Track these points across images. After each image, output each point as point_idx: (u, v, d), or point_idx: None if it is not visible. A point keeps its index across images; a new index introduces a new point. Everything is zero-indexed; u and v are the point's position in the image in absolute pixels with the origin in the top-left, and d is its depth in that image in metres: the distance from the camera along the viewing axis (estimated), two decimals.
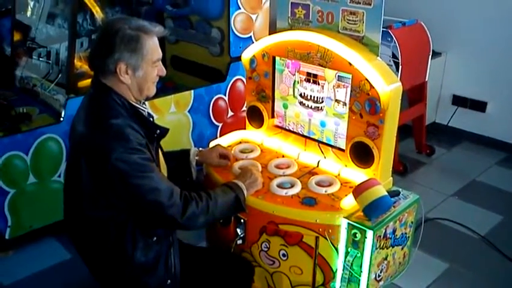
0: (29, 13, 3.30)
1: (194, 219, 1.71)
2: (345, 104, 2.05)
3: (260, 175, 2.01)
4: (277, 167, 2.15)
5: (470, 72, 4.16)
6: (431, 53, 3.75)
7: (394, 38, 3.44)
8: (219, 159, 2.16)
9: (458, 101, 4.28)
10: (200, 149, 2.18)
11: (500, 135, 4.11)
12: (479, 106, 4.17)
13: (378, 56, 1.97)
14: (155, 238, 1.77)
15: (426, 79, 3.80)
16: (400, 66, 3.46)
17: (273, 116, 2.37)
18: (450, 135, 4.32)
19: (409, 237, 2.08)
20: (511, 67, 3.93)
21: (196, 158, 2.14)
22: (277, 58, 2.24)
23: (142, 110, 1.80)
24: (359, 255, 1.85)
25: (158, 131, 1.81)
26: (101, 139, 1.63)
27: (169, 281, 1.82)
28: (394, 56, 3.48)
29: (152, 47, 1.71)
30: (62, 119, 2.74)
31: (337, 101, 2.08)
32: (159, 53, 1.75)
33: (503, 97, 4.04)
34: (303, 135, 2.27)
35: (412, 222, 2.06)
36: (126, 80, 1.69)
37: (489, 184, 3.62)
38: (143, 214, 1.71)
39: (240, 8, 3.29)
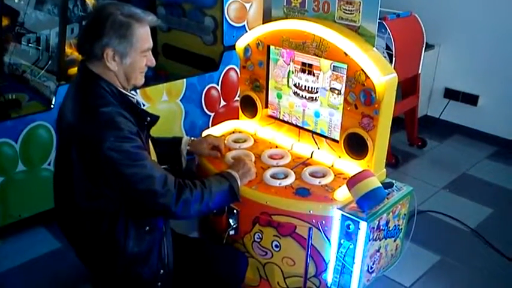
0: None
1: (188, 207, 1.68)
2: (339, 92, 2.03)
3: (253, 165, 1.99)
4: (271, 157, 2.14)
5: (463, 65, 4.17)
6: (424, 45, 3.74)
7: (388, 30, 3.42)
8: (210, 150, 2.13)
9: (450, 94, 4.29)
10: (192, 138, 2.16)
11: (491, 129, 4.12)
12: (471, 99, 4.18)
13: (373, 46, 1.96)
14: (148, 228, 1.74)
15: (419, 71, 3.80)
16: (394, 58, 3.45)
17: (266, 106, 2.35)
18: (442, 128, 4.33)
19: (401, 229, 2.08)
20: (503, 61, 3.94)
21: (188, 147, 2.12)
22: (271, 47, 2.22)
23: (132, 97, 1.77)
24: (352, 246, 1.85)
25: (149, 118, 1.78)
26: (91, 128, 1.60)
27: (162, 270, 1.81)
28: (387, 47, 3.46)
29: (143, 35, 1.68)
30: (52, 106, 2.70)
31: (331, 89, 2.06)
32: (149, 43, 1.71)
33: (494, 91, 4.05)
34: (296, 126, 2.26)
35: (405, 214, 2.06)
36: (113, 67, 1.66)
37: (480, 177, 3.63)
38: (136, 203, 1.68)
39: None
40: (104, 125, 1.59)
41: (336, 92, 2.05)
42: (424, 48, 3.75)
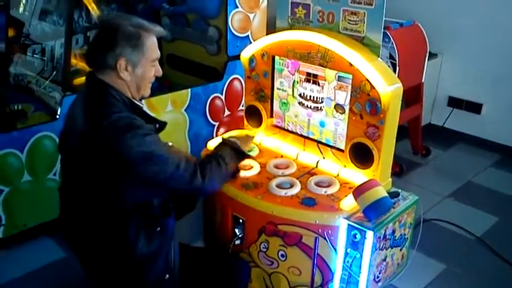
0: (21, 9, 3.26)
1: (213, 180, 1.80)
2: (343, 111, 2.05)
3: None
4: (276, 167, 2.14)
5: (466, 73, 4.18)
6: (427, 54, 3.75)
7: (392, 39, 3.44)
8: None
9: (454, 102, 4.29)
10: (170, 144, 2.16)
11: (495, 137, 4.12)
12: (474, 108, 4.18)
13: (378, 56, 1.97)
14: (159, 229, 1.75)
15: (423, 80, 3.80)
16: (398, 67, 3.46)
17: (271, 116, 2.36)
18: (446, 137, 4.33)
19: (407, 238, 2.08)
20: (507, 69, 3.94)
21: None
22: (276, 58, 2.23)
23: (141, 106, 1.79)
24: (358, 256, 1.85)
25: (157, 125, 1.80)
26: (112, 133, 1.60)
27: (167, 275, 1.80)
28: (391, 56, 3.47)
29: (152, 45, 1.72)
30: (57, 116, 2.71)
31: (336, 107, 2.08)
32: (157, 53, 1.76)
33: (498, 99, 4.05)
34: (302, 136, 2.26)
35: (411, 223, 2.06)
36: (126, 77, 1.69)
37: (484, 186, 3.62)
38: (167, 190, 1.75)
39: (237, 7, 3.27)
40: (124, 128, 1.61)
41: (340, 108, 2.06)
42: (427, 57, 3.75)
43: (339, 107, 2.07)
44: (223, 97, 3.42)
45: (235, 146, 1.96)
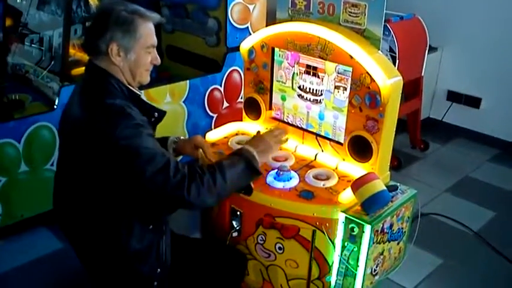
0: None
1: (202, 195, 1.59)
2: (345, 89, 2.02)
3: (276, 140, 1.91)
4: (275, 159, 2.13)
5: (466, 68, 4.17)
6: (427, 48, 3.74)
7: (392, 32, 3.43)
8: (194, 150, 2.05)
9: (453, 96, 4.29)
10: (181, 137, 2.12)
11: (493, 132, 4.13)
12: (473, 102, 4.18)
13: (379, 49, 1.95)
14: (151, 226, 1.73)
15: (422, 74, 3.80)
16: (397, 60, 3.45)
17: (270, 108, 2.35)
18: (444, 131, 4.33)
19: (405, 232, 2.07)
20: (506, 64, 3.94)
21: (174, 146, 2.07)
22: (276, 49, 2.22)
23: (139, 93, 1.78)
24: (356, 249, 1.85)
25: (156, 114, 1.79)
26: (102, 120, 1.58)
27: (159, 269, 1.80)
28: (391, 49, 3.46)
29: (146, 31, 1.69)
30: (55, 106, 2.70)
31: (337, 87, 2.05)
32: (153, 39, 1.73)
33: (497, 94, 4.05)
34: (301, 128, 2.25)
35: (408, 217, 2.05)
36: (118, 62, 1.67)
37: (482, 180, 3.63)
38: (147, 195, 1.60)
39: None
40: (115, 115, 1.59)
41: (342, 88, 2.03)
42: (427, 51, 3.74)
43: (339, 87, 2.04)
44: (222, 89, 3.41)
45: (251, 161, 1.74)
